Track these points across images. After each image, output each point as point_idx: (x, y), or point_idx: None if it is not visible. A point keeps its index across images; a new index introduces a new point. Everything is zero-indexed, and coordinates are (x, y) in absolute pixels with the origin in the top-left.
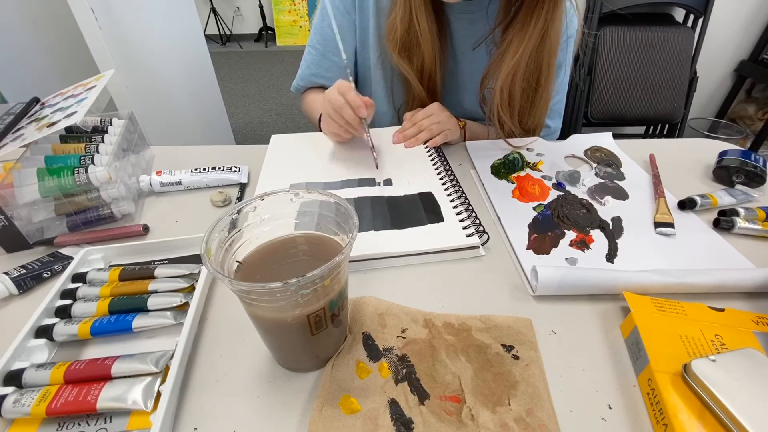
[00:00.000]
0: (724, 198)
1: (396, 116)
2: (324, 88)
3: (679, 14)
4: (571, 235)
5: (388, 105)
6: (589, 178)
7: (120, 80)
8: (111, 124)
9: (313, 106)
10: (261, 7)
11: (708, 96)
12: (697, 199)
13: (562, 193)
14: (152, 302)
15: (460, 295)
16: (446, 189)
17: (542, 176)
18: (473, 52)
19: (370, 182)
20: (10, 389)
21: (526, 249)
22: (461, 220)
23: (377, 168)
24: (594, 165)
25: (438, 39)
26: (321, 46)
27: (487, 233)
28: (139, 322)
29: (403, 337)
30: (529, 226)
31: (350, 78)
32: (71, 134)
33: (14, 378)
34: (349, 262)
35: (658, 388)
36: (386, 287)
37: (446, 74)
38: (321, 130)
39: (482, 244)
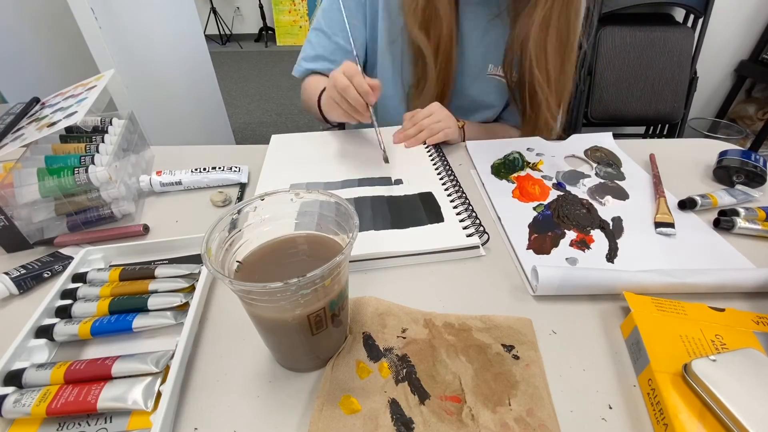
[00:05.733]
0: (724, 198)
1: (406, 99)
2: (325, 75)
3: (679, 14)
4: (571, 235)
5: (395, 88)
6: (589, 178)
7: (120, 80)
8: (111, 124)
9: (312, 92)
10: (261, 7)
11: (708, 96)
12: (698, 199)
13: (562, 193)
14: (152, 302)
15: (460, 295)
16: (446, 189)
17: (542, 176)
18: (479, 40)
19: (371, 182)
20: (10, 389)
21: (526, 249)
22: (461, 220)
23: (387, 162)
24: (594, 165)
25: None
26: (328, 28)
27: (487, 233)
28: (139, 322)
29: (404, 337)
30: (529, 226)
31: (357, 62)
32: (71, 134)
33: (14, 378)
34: (350, 262)
35: (658, 388)
36: (386, 287)
37: (458, 55)
38: (321, 117)
39: (482, 244)
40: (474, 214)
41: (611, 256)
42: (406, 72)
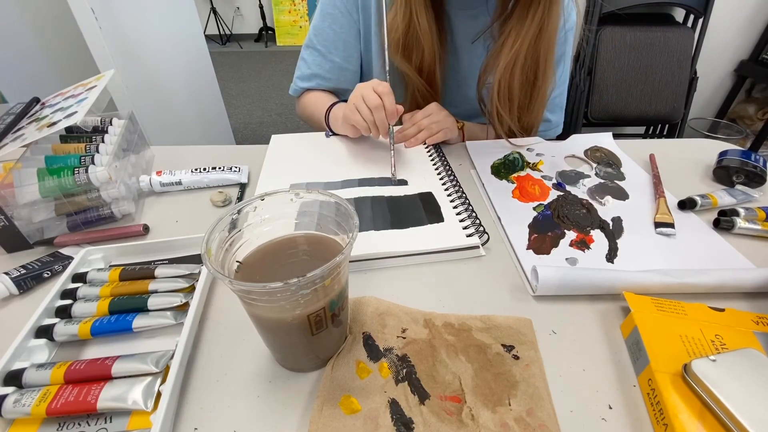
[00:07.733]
0: (724, 198)
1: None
2: (326, 90)
3: (679, 14)
4: (571, 235)
5: None
6: (589, 178)
7: (120, 80)
8: (111, 124)
9: (316, 108)
10: (261, 7)
11: (708, 96)
12: (697, 199)
13: (562, 193)
14: (152, 302)
15: (460, 295)
16: (446, 189)
17: (542, 176)
18: (474, 47)
19: (371, 182)
20: (10, 389)
21: (526, 249)
22: (461, 220)
23: (394, 175)
24: (594, 165)
25: (438, 35)
26: (322, 47)
27: (487, 233)
28: (139, 322)
29: (404, 337)
30: (529, 226)
31: (387, 78)
32: (71, 134)
33: (14, 378)
34: (349, 262)
35: (658, 388)
36: (386, 287)
37: (447, 70)
38: (327, 128)
39: (482, 244)
40: (474, 214)
41: (611, 256)
42: (399, 89)
